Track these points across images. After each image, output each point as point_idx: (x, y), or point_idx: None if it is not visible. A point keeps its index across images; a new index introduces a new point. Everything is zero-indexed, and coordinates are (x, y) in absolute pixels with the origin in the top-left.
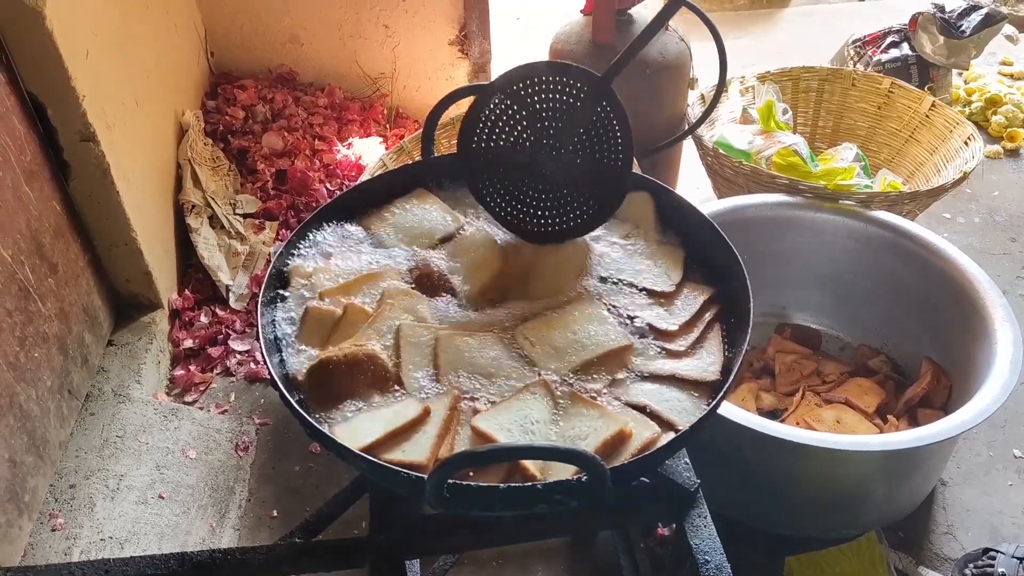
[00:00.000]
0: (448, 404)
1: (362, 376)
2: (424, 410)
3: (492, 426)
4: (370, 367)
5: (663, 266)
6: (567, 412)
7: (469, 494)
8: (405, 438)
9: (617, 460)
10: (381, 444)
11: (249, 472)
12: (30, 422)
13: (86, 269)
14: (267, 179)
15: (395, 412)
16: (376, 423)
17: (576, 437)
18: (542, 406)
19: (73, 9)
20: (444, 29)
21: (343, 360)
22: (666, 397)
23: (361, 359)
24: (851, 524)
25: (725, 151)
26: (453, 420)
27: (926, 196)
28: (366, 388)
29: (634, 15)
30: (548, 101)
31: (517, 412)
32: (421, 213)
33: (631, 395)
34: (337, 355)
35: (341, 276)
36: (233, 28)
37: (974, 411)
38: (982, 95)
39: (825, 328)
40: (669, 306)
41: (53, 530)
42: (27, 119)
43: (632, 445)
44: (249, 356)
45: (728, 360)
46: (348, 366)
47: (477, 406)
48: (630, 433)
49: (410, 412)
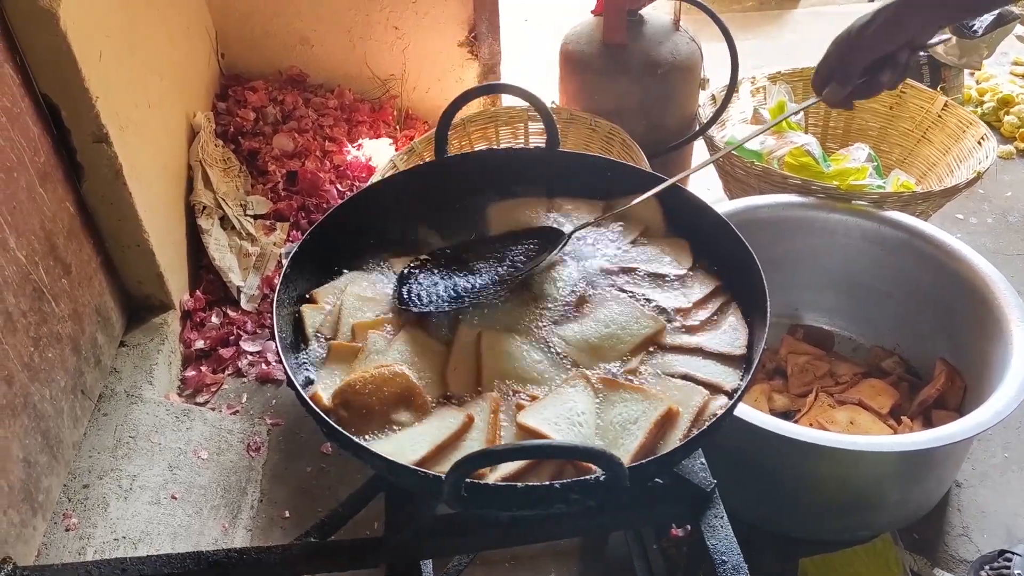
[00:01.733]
0: (490, 407)
1: (389, 393)
2: (468, 417)
3: (539, 421)
4: (398, 384)
5: (671, 255)
6: (608, 399)
7: (487, 493)
8: (453, 448)
9: (671, 439)
10: (431, 458)
11: (261, 473)
12: (44, 422)
13: (99, 270)
14: (278, 180)
15: (437, 426)
16: (421, 438)
17: (627, 423)
18: (585, 397)
19: (87, 11)
20: (454, 30)
21: (369, 380)
22: (701, 365)
23: (388, 376)
24: (866, 526)
25: (737, 151)
26: (497, 423)
27: (939, 196)
28: (395, 406)
29: (645, 16)
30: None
31: (562, 406)
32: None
33: (668, 367)
34: (363, 376)
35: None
36: (244, 30)
37: (990, 412)
38: (994, 95)
39: (838, 329)
40: (682, 288)
41: (67, 530)
42: (41, 120)
43: (683, 420)
44: (260, 357)
45: (750, 344)
46: (376, 385)
47: (520, 400)
48: (678, 411)
49: (454, 422)
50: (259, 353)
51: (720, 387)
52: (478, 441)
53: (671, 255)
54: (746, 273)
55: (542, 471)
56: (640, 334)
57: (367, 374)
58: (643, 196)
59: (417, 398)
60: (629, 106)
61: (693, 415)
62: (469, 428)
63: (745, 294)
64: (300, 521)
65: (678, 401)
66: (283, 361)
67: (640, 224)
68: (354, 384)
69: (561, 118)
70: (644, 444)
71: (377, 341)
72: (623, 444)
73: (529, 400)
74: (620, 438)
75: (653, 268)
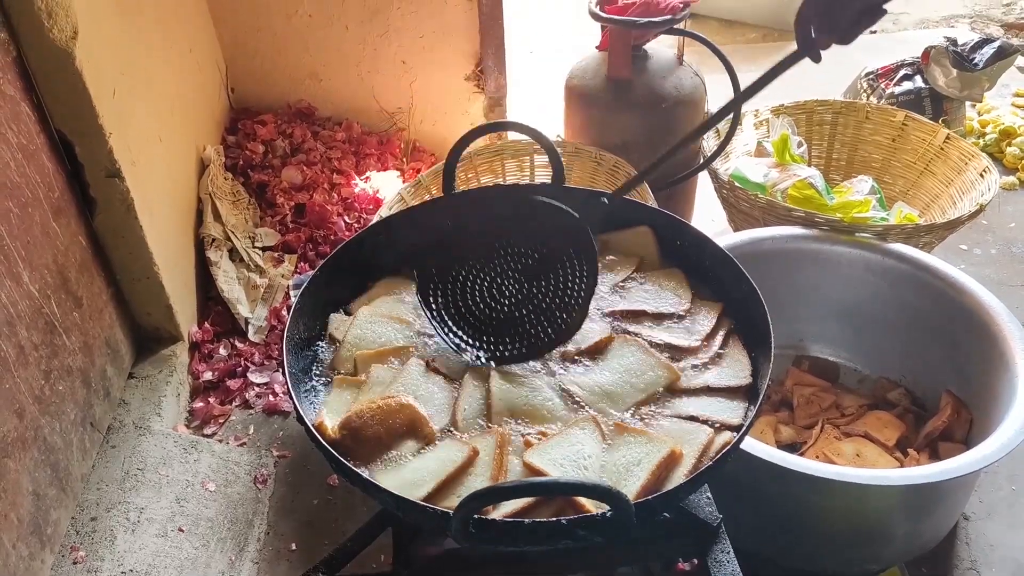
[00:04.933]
0: (496, 443)
1: (395, 425)
2: (472, 451)
3: (544, 461)
4: (404, 416)
5: (670, 288)
6: (615, 442)
7: (495, 529)
8: (459, 483)
9: (676, 476)
10: (437, 494)
11: (268, 505)
12: (53, 455)
13: (109, 303)
14: (286, 212)
15: (440, 459)
16: (425, 473)
17: (631, 464)
18: (593, 440)
19: (102, 49)
20: (461, 64)
21: (377, 411)
22: (708, 403)
23: (395, 408)
24: (873, 559)
25: (741, 184)
26: (504, 459)
27: (942, 228)
28: (401, 437)
29: (649, 51)
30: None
31: (569, 447)
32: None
33: (676, 409)
34: (370, 407)
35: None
36: (253, 64)
37: (996, 445)
38: (996, 127)
39: (843, 361)
40: (688, 322)
41: (75, 563)
42: (56, 156)
43: (688, 459)
44: (268, 388)
45: (754, 374)
46: (382, 416)
47: (528, 438)
48: (680, 453)
49: (458, 456)
50: (266, 384)
51: (726, 423)
52: (483, 476)
53: (671, 289)
54: (750, 306)
55: (543, 511)
56: (656, 384)
57: (373, 405)
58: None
59: (423, 428)
60: (634, 140)
61: (698, 454)
62: (473, 463)
63: (750, 327)
64: (307, 553)
65: (683, 440)
66: (291, 392)
67: (635, 258)
68: (361, 414)
69: (566, 152)
70: (646, 485)
71: (381, 373)
72: (626, 485)
73: (538, 438)
74: (624, 479)
75: (658, 307)
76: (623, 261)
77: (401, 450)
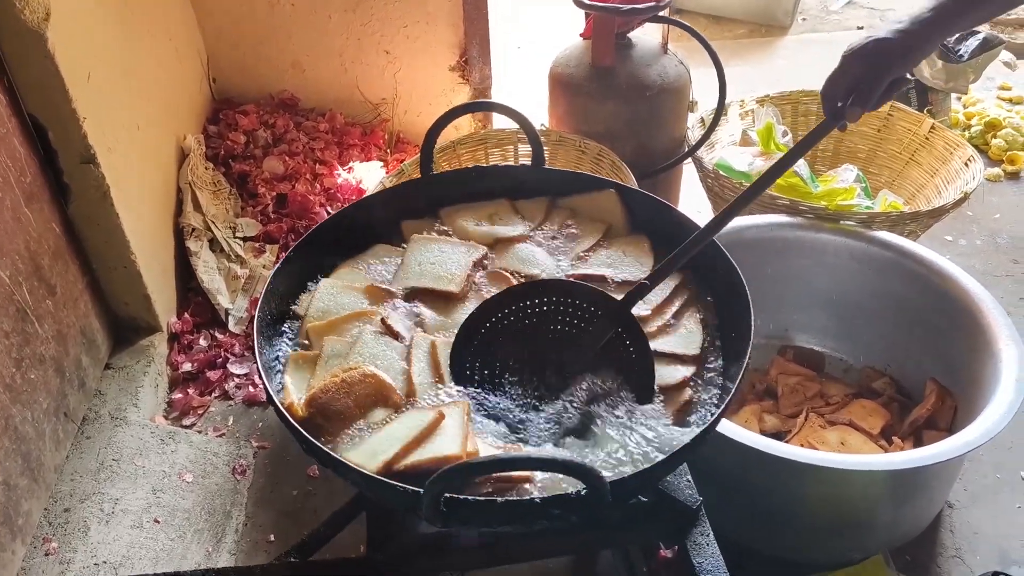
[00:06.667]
0: (463, 411)
1: (362, 396)
2: (439, 415)
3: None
4: (369, 385)
5: (633, 255)
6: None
7: (466, 508)
8: (428, 440)
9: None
10: (402, 455)
11: (246, 496)
12: (25, 444)
13: (84, 291)
14: (268, 203)
15: (407, 426)
16: (391, 440)
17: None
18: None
19: (76, 32)
20: (445, 55)
21: (340, 385)
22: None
23: (358, 379)
24: (857, 547)
25: (725, 173)
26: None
27: (927, 216)
28: (369, 407)
29: (633, 39)
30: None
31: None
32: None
33: None
34: (333, 381)
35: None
36: (235, 55)
37: (979, 431)
38: (981, 119)
39: (828, 350)
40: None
41: (46, 554)
42: (28, 141)
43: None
44: (248, 379)
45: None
46: (347, 388)
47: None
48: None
49: (423, 420)
50: (246, 375)
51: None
52: (454, 431)
53: (634, 256)
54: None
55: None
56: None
57: (337, 378)
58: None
59: (392, 396)
60: (618, 128)
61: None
62: (439, 424)
63: (727, 297)
64: (285, 544)
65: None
66: (260, 372)
67: (602, 224)
68: (327, 389)
69: (550, 140)
70: None
71: (335, 346)
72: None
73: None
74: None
75: (619, 275)
76: (590, 227)
77: (370, 420)
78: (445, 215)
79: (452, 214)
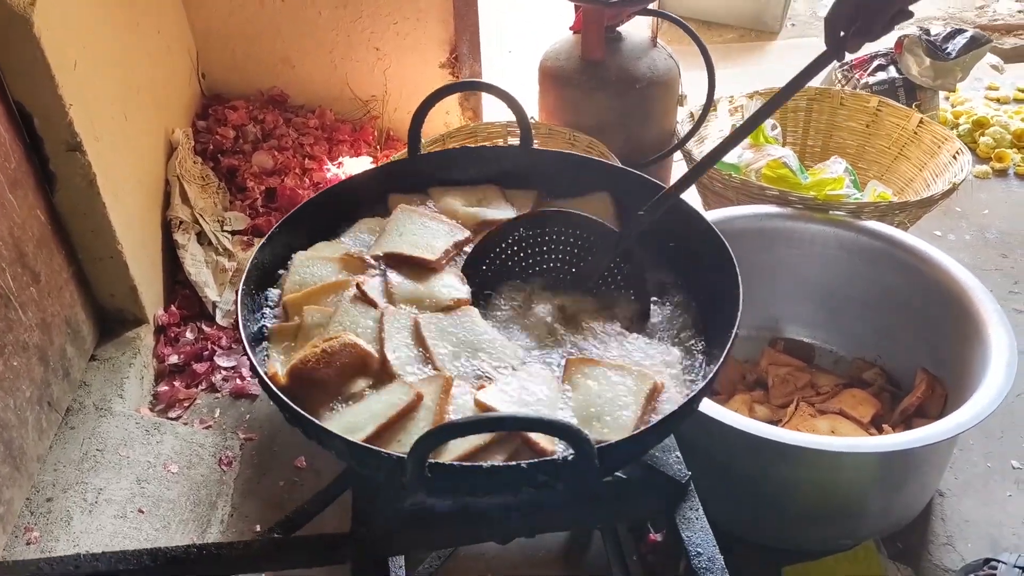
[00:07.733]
0: (440, 388)
1: (343, 365)
2: (417, 396)
3: (497, 400)
4: (350, 354)
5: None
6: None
7: (451, 474)
8: (401, 428)
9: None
10: (375, 439)
11: (232, 487)
12: (6, 432)
13: (70, 281)
14: (256, 197)
15: (384, 403)
16: (366, 416)
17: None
18: (549, 376)
19: (63, 19)
20: (435, 52)
21: (321, 355)
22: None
23: (338, 349)
24: (848, 534)
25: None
26: (447, 403)
27: (916, 207)
28: (350, 377)
29: (623, 32)
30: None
31: (524, 383)
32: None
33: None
34: (314, 351)
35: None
36: (225, 51)
37: (969, 414)
38: (969, 117)
39: (818, 342)
40: None
41: (28, 543)
42: (13, 127)
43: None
44: (235, 372)
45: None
46: (328, 358)
47: (482, 381)
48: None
49: (400, 400)
50: (234, 368)
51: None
52: (426, 422)
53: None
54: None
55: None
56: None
57: (317, 348)
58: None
59: (373, 364)
60: (608, 121)
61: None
62: (416, 408)
63: (711, 256)
64: None
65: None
66: (244, 343)
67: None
68: (307, 359)
69: (540, 133)
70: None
71: (315, 315)
72: (620, 418)
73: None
74: (614, 413)
75: None
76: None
77: (355, 389)
78: (434, 193)
79: (441, 193)
